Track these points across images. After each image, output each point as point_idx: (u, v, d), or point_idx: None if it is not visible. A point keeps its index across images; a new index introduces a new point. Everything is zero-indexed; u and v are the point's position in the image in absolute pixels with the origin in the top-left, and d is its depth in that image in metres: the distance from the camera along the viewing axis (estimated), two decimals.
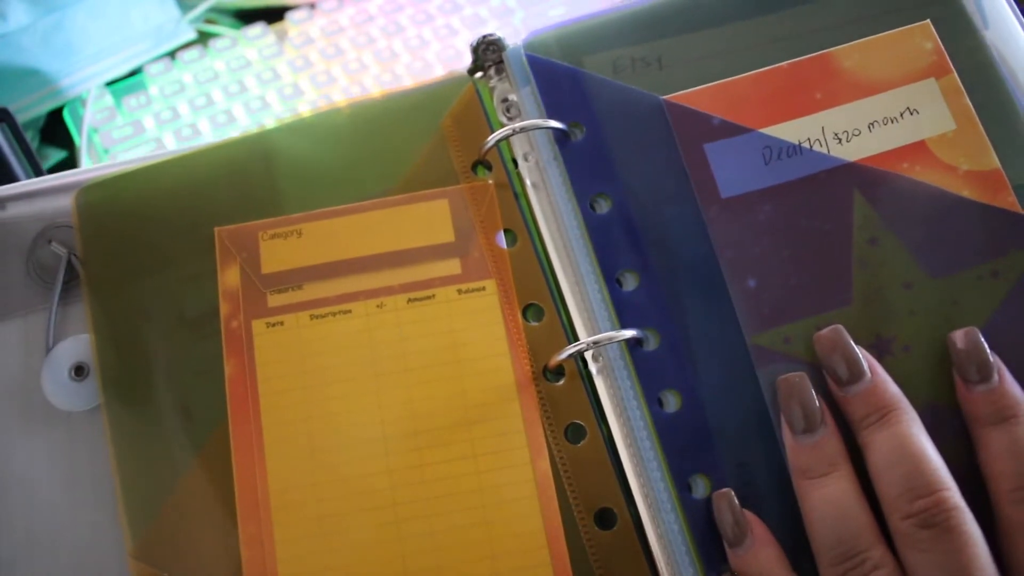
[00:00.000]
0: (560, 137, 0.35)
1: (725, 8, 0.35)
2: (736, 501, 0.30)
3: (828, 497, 0.29)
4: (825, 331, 0.31)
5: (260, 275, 0.34)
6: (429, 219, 0.34)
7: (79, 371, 0.34)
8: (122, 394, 0.33)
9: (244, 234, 0.34)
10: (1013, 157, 0.33)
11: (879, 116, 0.33)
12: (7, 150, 0.51)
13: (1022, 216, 0.32)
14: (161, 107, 0.58)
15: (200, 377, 0.33)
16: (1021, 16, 0.35)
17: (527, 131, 0.34)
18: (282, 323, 0.33)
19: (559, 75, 0.35)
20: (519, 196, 0.35)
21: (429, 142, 0.36)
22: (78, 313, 0.35)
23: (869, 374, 0.30)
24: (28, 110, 0.58)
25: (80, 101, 0.59)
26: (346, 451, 0.32)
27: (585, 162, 0.34)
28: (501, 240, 0.34)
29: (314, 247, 0.34)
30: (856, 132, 0.33)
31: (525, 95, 0.35)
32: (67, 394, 0.33)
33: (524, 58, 0.36)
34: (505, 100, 0.36)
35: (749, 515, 0.30)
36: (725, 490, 0.30)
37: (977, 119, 0.33)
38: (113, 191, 0.35)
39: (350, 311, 0.33)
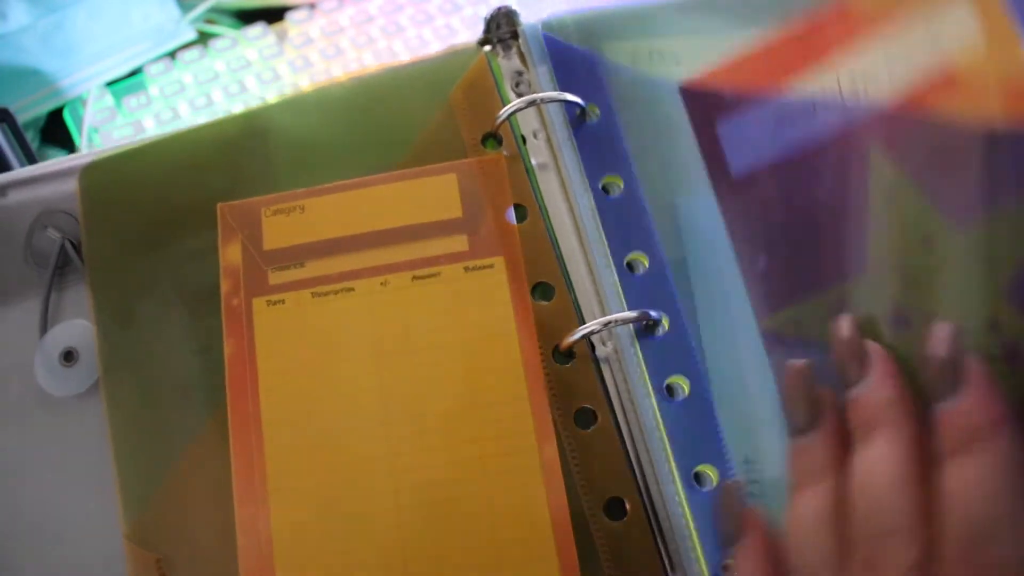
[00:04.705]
0: (573, 117, 0.34)
1: (749, 14, 0.34)
2: None
3: (803, 513, 0.27)
4: (838, 321, 0.28)
5: (262, 252, 0.33)
6: (436, 194, 0.33)
7: (68, 356, 0.33)
8: (121, 374, 0.32)
9: (246, 210, 0.34)
10: None
11: (899, 50, 0.30)
12: (7, 150, 0.51)
13: None
14: (161, 107, 0.58)
15: (199, 357, 0.32)
16: None
17: (547, 103, 0.34)
18: (283, 301, 0.32)
19: (576, 58, 0.35)
20: (529, 171, 0.34)
21: (437, 115, 0.35)
22: (73, 299, 0.34)
23: (870, 378, 0.27)
24: (28, 110, 0.58)
25: (80, 101, 0.59)
26: (347, 434, 0.31)
27: (599, 144, 0.34)
28: (511, 216, 0.33)
29: (317, 223, 0.33)
30: (874, 77, 0.30)
31: (541, 73, 0.35)
32: (57, 379, 0.33)
33: (541, 36, 0.35)
34: (519, 72, 0.35)
35: None
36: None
37: (1011, 23, 0.28)
38: (118, 169, 0.35)
39: (353, 289, 0.32)
